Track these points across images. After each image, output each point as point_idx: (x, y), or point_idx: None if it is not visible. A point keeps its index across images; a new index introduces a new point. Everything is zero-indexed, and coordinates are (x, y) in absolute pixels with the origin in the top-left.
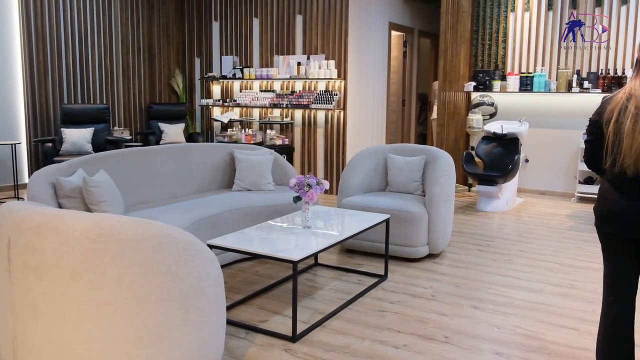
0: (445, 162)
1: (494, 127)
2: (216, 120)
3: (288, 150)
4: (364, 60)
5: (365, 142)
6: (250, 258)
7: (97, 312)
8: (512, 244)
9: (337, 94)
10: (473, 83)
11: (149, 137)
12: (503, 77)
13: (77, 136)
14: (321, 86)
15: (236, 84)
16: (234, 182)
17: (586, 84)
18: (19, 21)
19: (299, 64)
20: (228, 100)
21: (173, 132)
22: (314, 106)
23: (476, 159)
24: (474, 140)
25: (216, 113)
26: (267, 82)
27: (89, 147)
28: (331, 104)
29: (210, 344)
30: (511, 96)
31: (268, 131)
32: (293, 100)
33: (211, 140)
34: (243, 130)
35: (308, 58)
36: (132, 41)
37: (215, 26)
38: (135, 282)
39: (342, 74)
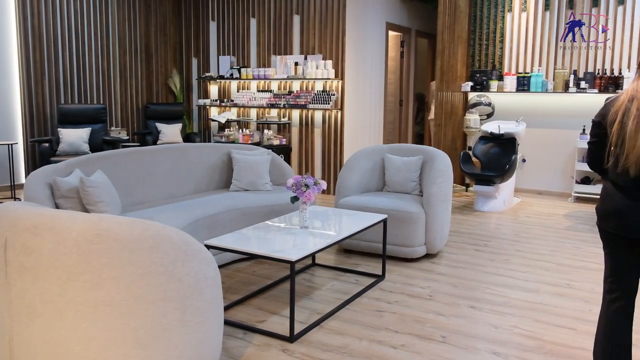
0: (442, 162)
1: (491, 127)
2: (213, 120)
3: (285, 150)
4: (362, 61)
5: (362, 142)
6: (247, 258)
7: (95, 312)
8: (509, 243)
9: (334, 94)
10: (470, 83)
11: (146, 137)
12: (500, 77)
13: (74, 136)
14: (318, 86)
15: (233, 84)
16: (231, 182)
17: (583, 84)
18: (15, 21)
19: (296, 64)
20: (225, 100)
21: (170, 132)
22: (311, 106)
23: (473, 159)
24: (471, 140)
25: (213, 113)
26: (264, 82)
27: (86, 148)
28: (328, 104)
29: (208, 344)
30: (508, 96)
31: (265, 131)
32: (290, 100)
33: (208, 141)
34: (240, 131)
35: (305, 58)
36: (129, 41)
37: (213, 26)
38: (133, 282)
39: (340, 74)
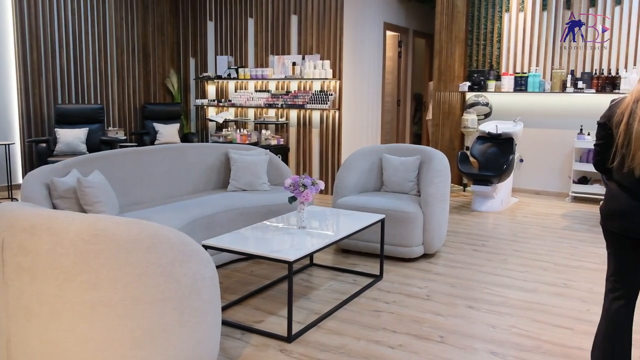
0: (440, 162)
1: (489, 127)
2: (211, 120)
3: (283, 150)
4: (359, 61)
5: (360, 142)
6: (245, 258)
7: (92, 313)
8: (507, 243)
9: (332, 94)
10: (468, 83)
11: (143, 137)
12: (498, 77)
13: (72, 136)
14: (316, 86)
15: (231, 84)
16: (229, 182)
17: (580, 84)
18: (12, 21)
19: (294, 64)
20: (223, 100)
21: (168, 132)
22: (309, 106)
23: (471, 158)
24: (468, 140)
25: (211, 113)
26: (262, 82)
27: (83, 148)
28: (326, 104)
29: (206, 344)
30: (506, 96)
31: (263, 131)
32: (288, 100)
33: (206, 141)
34: (238, 131)
35: (303, 58)
36: (127, 41)
37: (210, 26)
38: (130, 283)
39: (337, 74)
